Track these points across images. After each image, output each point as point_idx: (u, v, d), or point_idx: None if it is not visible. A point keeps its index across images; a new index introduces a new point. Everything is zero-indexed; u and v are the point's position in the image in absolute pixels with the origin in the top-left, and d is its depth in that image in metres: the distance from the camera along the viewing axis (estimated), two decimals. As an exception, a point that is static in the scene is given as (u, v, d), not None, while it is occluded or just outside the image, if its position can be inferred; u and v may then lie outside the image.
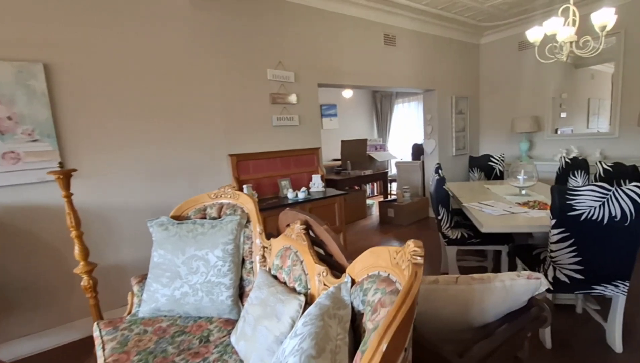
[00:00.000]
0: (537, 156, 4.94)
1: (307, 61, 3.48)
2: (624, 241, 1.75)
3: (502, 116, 5.25)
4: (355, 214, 5.32)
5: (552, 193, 1.79)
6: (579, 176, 2.99)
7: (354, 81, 3.90)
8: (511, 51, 5.02)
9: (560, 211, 1.77)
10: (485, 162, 4.06)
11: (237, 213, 1.92)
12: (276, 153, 3.32)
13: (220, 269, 1.77)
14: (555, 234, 1.81)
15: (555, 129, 4.78)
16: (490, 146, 5.46)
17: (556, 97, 4.75)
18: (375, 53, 4.07)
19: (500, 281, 1.14)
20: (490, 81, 5.33)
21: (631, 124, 4.01)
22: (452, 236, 2.69)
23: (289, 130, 3.42)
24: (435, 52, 4.73)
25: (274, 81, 3.26)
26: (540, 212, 2.30)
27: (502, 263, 2.66)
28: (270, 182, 3.29)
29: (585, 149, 4.46)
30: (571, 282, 1.88)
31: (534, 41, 2.75)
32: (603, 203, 1.72)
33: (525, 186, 2.89)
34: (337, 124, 6.80)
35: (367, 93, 7.37)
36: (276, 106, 3.30)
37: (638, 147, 3.99)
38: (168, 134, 2.73)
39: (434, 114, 4.86)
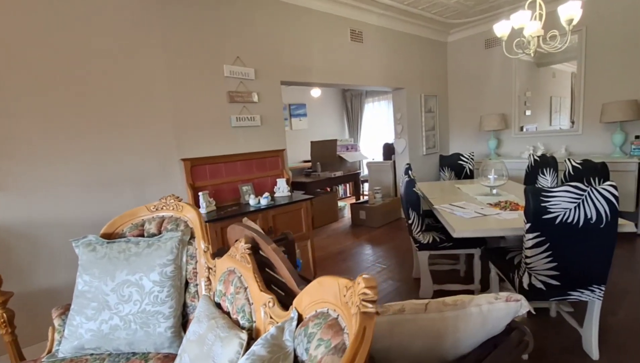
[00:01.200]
0: (505, 153, 4.96)
1: (269, 56, 3.24)
2: (600, 244, 1.65)
3: (471, 114, 5.25)
4: (327, 217, 5.13)
5: (525, 194, 1.67)
6: (548, 174, 2.95)
7: (320, 79, 3.70)
8: (478, 48, 5.01)
9: (534, 214, 1.64)
10: (456, 161, 3.98)
11: (180, 227, 1.65)
12: (236, 156, 3.06)
13: (158, 296, 1.50)
14: (530, 239, 1.68)
15: (521, 126, 4.82)
16: (460, 145, 5.44)
17: (521, 95, 4.79)
18: (341, 50, 3.89)
19: (476, 305, 0.96)
20: (459, 79, 5.31)
21: (594, 121, 4.07)
22: (424, 241, 2.55)
23: (250, 131, 3.16)
24: (404, 50, 4.63)
25: (231, 78, 3.00)
26: (513, 213, 2.19)
27: (475, 266, 2.55)
28: (230, 188, 3.02)
29: (551, 146, 4.50)
30: (547, 289, 1.76)
31: (502, 36, 2.67)
32: (578, 205, 1.61)
33: (496, 185, 2.80)
34: (306, 125, 6.59)
35: (337, 92, 7.21)
36: (235, 105, 3.04)
37: (601, 143, 4.06)
38: (107, 140, 2.40)
39: (404, 113, 4.76)
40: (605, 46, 3.88)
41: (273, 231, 2.83)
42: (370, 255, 3.69)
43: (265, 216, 2.78)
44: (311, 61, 3.59)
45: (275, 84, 3.31)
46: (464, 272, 3.00)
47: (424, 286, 2.62)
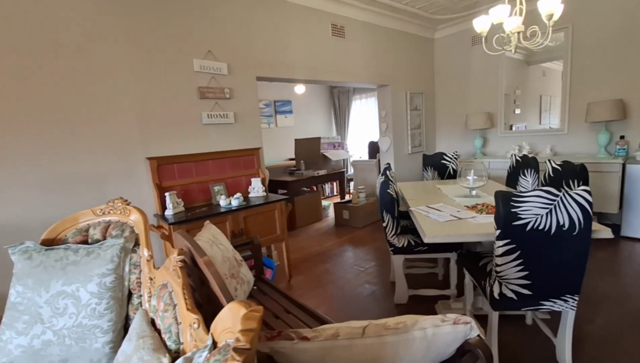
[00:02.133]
0: (490, 153, 4.88)
1: (243, 51, 3.10)
2: (573, 253, 1.56)
3: (457, 112, 5.16)
4: (310, 216, 5.02)
5: (495, 200, 1.57)
6: (529, 175, 2.86)
7: (300, 75, 3.58)
8: (464, 45, 4.91)
9: (504, 220, 1.55)
10: (439, 160, 3.89)
11: (125, 233, 1.53)
12: (208, 154, 2.93)
13: (95, 308, 1.38)
14: (500, 246, 1.59)
15: (510, 125, 4.74)
16: (447, 143, 5.36)
17: (510, 93, 4.70)
18: (322, 45, 3.76)
19: (421, 329, 0.86)
20: (445, 77, 5.22)
21: (579, 121, 4.01)
22: (398, 244, 2.45)
23: (223, 129, 3.03)
24: (388, 46, 4.51)
25: (202, 72, 2.86)
26: (489, 217, 2.10)
27: (451, 271, 2.46)
28: (200, 188, 2.90)
29: (536, 146, 4.44)
30: (518, 298, 1.67)
31: (481, 32, 2.56)
32: (550, 211, 1.52)
33: (475, 186, 2.71)
34: (292, 122, 6.46)
35: (324, 89, 7.08)
36: (206, 102, 2.90)
37: (586, 142, 4.00)
38: (64, 137, 2.26)
39: (389, 111, 4.66)
40: (591, 44, 3.81)
41: (244, 233, 2.71)
42: (350, 256, 3.60)
43: (235, 217, 2.67)
44: (290, 56, 3.46)
45: (251, 80, 3.18)
46: (442, 276, 2.91)
47: (399, 292, 2.53)
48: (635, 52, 3.54)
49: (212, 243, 1.78)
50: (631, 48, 3.55)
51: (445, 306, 2.39)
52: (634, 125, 3.64)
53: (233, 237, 2.65)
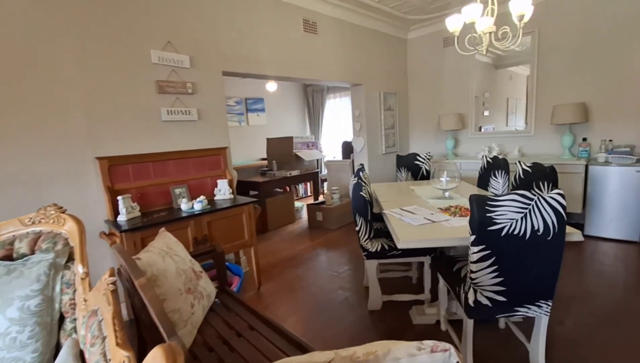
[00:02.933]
0: (462, 153, 4.94)
1: (208, 43, 2.90)
2: (547, 258, 1.52)
3: (430, 113, 5.18)
4: (283, 218, 4.86)
5: (470, 204, 1.50)
6: (499, 176, 2.87)
7: (270, 71, 3.41)
8: (436, 47, 4.94)
9: (479, 225, 1.48)
10: (412, 161, 3.86)
11: (58, 246, 1.32)
12: (168, 154, 2.70)
13: (16, 338, 1.16)
14: (475, 252, 1.52)
15: (479, 127, 4.82)
16: (420, 144, 5.37)
17: (479, 95, 4.78)
18: (294, 41, 3.61)
19: (394, 360, 0.74)
20: (418, 77, 5.22)
21: (545, 123, 4.11)
22: (372, 249, 2.36)
23: (185, 126, 2.82)
24: (362, 45, 4.44)
25: (161, 65, 2.63)
26: (462, 220, 2.05)
27: (425, 275, 2.40)
28: (160, 191, 2.67)
29: (505, 147, 4.52)
30: (493, 305, 1.62)
31: (454, 31, 2.52)
32: (525, 215, 1.46)
33: (448, 188, 2.67)
34: (264, 120, 6.25)
35: (298, 87, 6.93)
36: (166, 97, 2.68)
37: (551, 144, 4.11)
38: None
39: (362, 111, 4.58)
40: (556, 48, 3.91)
41: (208, 239, 2.52)
42: (323, 260, 3.48)
43: (198, 223, 2.46)
44: (259, 51, 3.28)
45: (216, 75, 2.97)
46: (416, 279, 2.86)
47: (373, 298, 2.44)
48: (595, 57, 3.66)
49: (165, 254, 1.59)
50: (592, 53, 3.68)
51: (419, 311, 2.33)
52: (595, 128, 3.77)
53: (196, 244, 2.45)
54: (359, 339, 2.13)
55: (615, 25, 3.51)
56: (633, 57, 3.46)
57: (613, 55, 3.56)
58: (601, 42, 3.61)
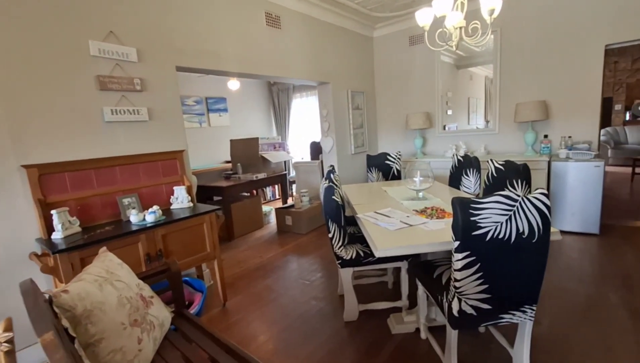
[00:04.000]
0: (430, 152, 4.95)
1: (159, 35, 2.60)
2: (532, 261, 1.44)
3: (398, 112, 5.15)
4: (250, 224, 4.60)
5: (453, 207, 1.38)
6: (471, 175, 2.84)
7: (231, 67, 3.16)
8: (402, 45, 4.91)
9: (464, 230, 1.36)
10: (383, 161, 3.77)
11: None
12: (114, 159, 2.38)
13: None
14: (460, 259, 1.40)
15: (443, 125, 4.85)
16: (389, 143, 5.33)
17: (443, 95, 4.82)
18: (256, 35, 3.38)
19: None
20: (385, 76, 5.18)
21: (509, 121, 4.20)
22: (346, 256, 2.20)
23: (134, 128, 2.50)
24: (328, 42, 4.29)
25: (102, 58, 2.30)
26: (439, 222, 1.95)
27: (402, 280, 2.28)
28: (105, 201, 2.34)
29: (471, 145, 4.58)
30: (478, 314, 1.51)
31: (423, 26, 2.43)
32: (510, 217, 1.37)
33: (422, 188, 2.59)
34: (227, 121, 5.93)
35: (263, 85, 6.67)
36: (109, 94, 2.35)
37: (515, 142, 4.20)
38: None
39: (330, 110, 4.44)
40: (518, 47, 4.00)
41: (163, 254, 2.23)
42: (294, 268, 3.28)
43: (151, 237, 2.17)
44: (218, 45, 3.02)
45: (169, 70, 2.68)
46: (392, 284, 2.75)
47: (349, 309, 2.28)
48: (554, 56, 3.78)
49: (104, 281, 1.32)
50: (551, 52, 3.79)
51: (398, 319, 2.20)
52: (556, 125, 3.90)
53: (149, 262, 2.15)
54: (336, 356, 1.96)
55: (572, 25, 3.64)
56: (588, 55, 3.60)
57: (570, 53, 3.69)
58: (559, 41, 3.73)
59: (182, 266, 2.36)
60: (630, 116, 9.11)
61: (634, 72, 8.39)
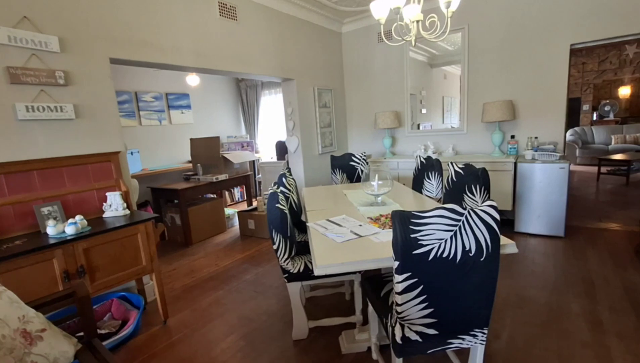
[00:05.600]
0: (399, 152, 4.83)
1: (87, 22, 2.31)
2: (481, 281, 1.28)
3: (367, 110, 5.00)
4: (211, 228, 4.33)
5: (393, 221, 1.20)
6: (433, 178, 2.70)
7: (177, 60, 2.89)
8: (371, 42, 4.75)
9: (403, 248, 1.19)
10: (347, 162, 3.60)
11: None
12: (30, 163, 2.08)
13: None
14: (401, 281, 1.23)
15: (417, 124, 4.74)
16: (359, 143, 5.17)
17: (416, 93, 4.70)
18: (208, 26, 3.12)
19: None
20: (354, 73, 5.00)
21: (477, 121, 4.11)
22: (293, 270, 2.00)
23: (57, 126, 2.21)
24: (292, 36, 4.07)
25: (13, 47, 2.00)
26: (391, 232, 1.78)
27: (356, 294, 2.11)
28: (19, 211, 2.04)
29: (440, 145, 4.48)
30: (424, 340, 1.35)
31: (379, 19, 2.25)
32: (455, 233, 1.20)
33: (380, 193, 2.42)
34: (191, 118, 5.61)
35: (229, 81, 6.37)
36: (23, 88, 2.05)
37: (482, 142, 4.12)
38: None
39: (295, 108, 4.23)
40: (485, 45, 3.90)
41: (86, 271, 1.97)
42: (249, 278, 3.06)
43: (70, 252, 1.90)
44: (162, 35, 2.75)
45: (100, 62, 2.39)
46: (350, 295, 2.57)
47: (297, 325, 2.09)
48: (521, 55, 3.71)
49: (-39, 319, 1.06)
50: (518, 51, 3.72)
51: (350, 338, 2.03)
52: (522, 125, 3.83)
53: (66, 280, 1.88)
54: (277, 383, 1.77)
55: (538, 23, 3.56)
56: (554, 55, 3.54)
57: (536, 53, 3.62)
58: (525, 40, 3.66)
59: (111, 282, 2.10)
60: (597, 116, 9.37)
61: (600, 74, 8.60)
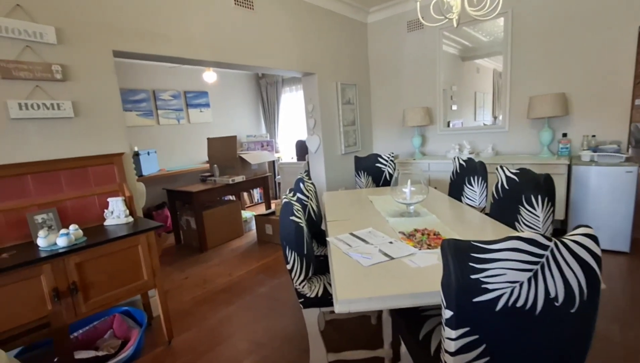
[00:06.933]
0: (430, 152, 4.41)
1: (87, 11, 2.10)
2: (569, 339, 0.92)
3: (395, 107, 4.61)
4: (228, 233, 4.12)
5: (443, 255, 0.86)
6: (476, 184, 2.31)
7: (187, 53, 2.65)
8: (399, 32, 4.36)
9: (460, 294, 0.85)
10: (373, 163, 3.25)
11: None
12: (23, 166, 1.89)
13: None
14: (455, 338, 0.89)
15: (447, 122, 4.31)
16: (384, 142, 4.80)
17: (447, 88, 4.28)
18: (223, 16, 2.87)
19: None
20: (380, 67, 4.63)
21: (521, 117, 3.64)
22: (310, 294, 1.70)
23: (54, 126, 2.01)
24: (313, 27, 3.76)
25: (4, 37, 1.82)
26: (431, 254, 1.44)
27: (384, 323, 1.78)
28: (11, 219, 1.86)
29: (477, 144, 4.03)
30: (482, 410, 1.00)
31: (416, -5, 1.90)
32: (535, 274, 0.85)
33: (413, 202, 2.07)
34: (210, 117, 5.44)
35: (249, 78, 6.15)
36: (16, 84, 1.87)
37: (528, 141, 3.64)
38: None
39: (316, 104, 3.92)
40: (532, 31, 3.43)
41: (78, 289, 1.75)
42: (263, 292, 2.79)
43: (60, 267, 1.69)
44: (171, 25, 2.52)
45: (103, 55, 2.19)
46: (377, 319, 2.24)
47: (315, 360, 1.78)
48: (576, 42, 3.21)
49: None
50: (573, 37, 3.22)
51: (377, 377, 1.70)
52: (576, 121, 3.33)
53: (56, 299, 1.67)
54: None
55: (598, 3, 3.06)
56: (617, 39, 3.02)
57: (595, 37, 3.11)
58: (581, 22, 3.15)
59: (108, 300, 1.88)
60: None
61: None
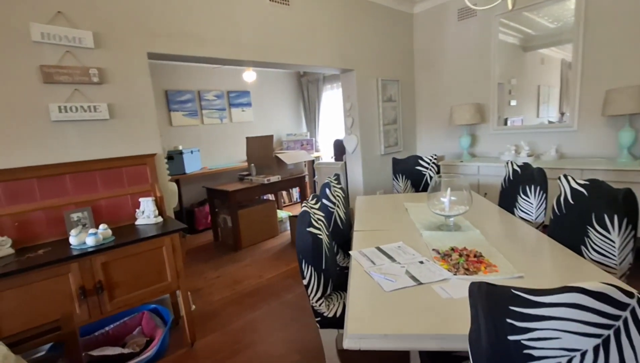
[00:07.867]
0: (481, 153, 3.99)
1: (123, 15, 2.15)
2: None
3: (441, 104, 4.25)
4: (262, 232, 4.11)
5: (472, 302, 0.66)
6: (532, 195, 1.97)
7: (223, 53, 2.63)
8: (449, 21, 3.98)
9: (492, 360, 0.64)
10: (413, 166, 3.00)
11: None
12: (62, 166, 1.99)
13: None
14: (483, 410, 0.68)
15: (504, 119, 3.86)
16: (429, 142, 4.45)
17: (504, 82, 3.82)
18: (258, 13, 2.81)
19: None
20: (426, 61, 4.29)
21: (594, 114, 3.11)
22: (328, 313, 1.55)
23: (90, 128, 2.09)
24: (353, 20, 3.57)
25: (47, 44, 1.91)
26: (467, 283, 1.21)
27: (412, 359, 1.57)
28: (51, 217, 1.96)
29: (537, 146, 3.54)
30: None
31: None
32: (605, 341, 0.61)
33: (453, 214, 1.81)
34: (251, 116, 5.50)
35: (291, 77, 6.12)
36: (57, 88, 1.96)
37: (602, 142, 3.11)
38: None
39: (354, 103, 3.73)
40: (610, 13, 2.89)
41: (103, 288, 1.79)
42: (289, 298, 2.69)
43: (87, 266, 1.73)
44: (206, 25, 2.51)
45: (138, 58, 2.23)
46: (407, 341, 2.02)
47: (333, 383, 1.63)
48: (672, 22, 2.64)
49: None
50: (666, 16, 2.65)
51: (402, 412, 1.51)
52: (668, 119, 2.76)
53: (83, 297, 1.72)
54: None
55: None
56: None
57: (698, 17, 2.53)
58: (680, -1, 2.58)
59: (132, 300, 1.91)
60: None
61: None
